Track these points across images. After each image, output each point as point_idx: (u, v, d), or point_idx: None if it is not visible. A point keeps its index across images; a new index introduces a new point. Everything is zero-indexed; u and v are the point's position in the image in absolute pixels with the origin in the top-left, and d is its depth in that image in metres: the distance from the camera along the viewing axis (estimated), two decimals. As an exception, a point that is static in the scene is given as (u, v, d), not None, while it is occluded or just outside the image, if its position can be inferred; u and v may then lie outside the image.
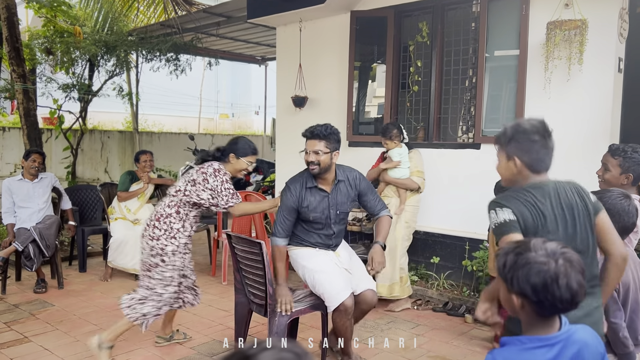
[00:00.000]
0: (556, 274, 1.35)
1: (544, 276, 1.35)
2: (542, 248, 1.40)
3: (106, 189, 6.14)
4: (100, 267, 6.06)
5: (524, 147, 1.92)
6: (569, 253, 1.40)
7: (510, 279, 1.40)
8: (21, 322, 4.35)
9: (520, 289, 1.39)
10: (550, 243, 1.42)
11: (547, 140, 1.93)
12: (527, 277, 1.37)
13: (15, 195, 5.16)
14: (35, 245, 5.00)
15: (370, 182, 3.73)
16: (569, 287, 1.35)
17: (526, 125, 1.94)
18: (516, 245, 1.44)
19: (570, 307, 1.39)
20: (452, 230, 5.24)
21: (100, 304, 4.83)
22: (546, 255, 1.38)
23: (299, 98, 6.34)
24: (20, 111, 6.86)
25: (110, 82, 9.16)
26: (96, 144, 10.39)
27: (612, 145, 2.88)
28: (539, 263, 1.37)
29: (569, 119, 4.60)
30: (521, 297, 1.40)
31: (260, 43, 9.73)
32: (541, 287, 1.36)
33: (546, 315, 1.42)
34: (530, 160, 1.93)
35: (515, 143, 1.94)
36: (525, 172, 1.95)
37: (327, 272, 3.29)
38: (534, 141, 1.91)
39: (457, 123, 5.47)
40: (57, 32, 8.26)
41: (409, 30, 5.75)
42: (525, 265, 1.38)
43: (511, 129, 1.97)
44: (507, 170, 1.99)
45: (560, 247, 1.41)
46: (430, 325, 4.44)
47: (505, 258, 1.43)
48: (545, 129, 1.94)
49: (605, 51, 4.42)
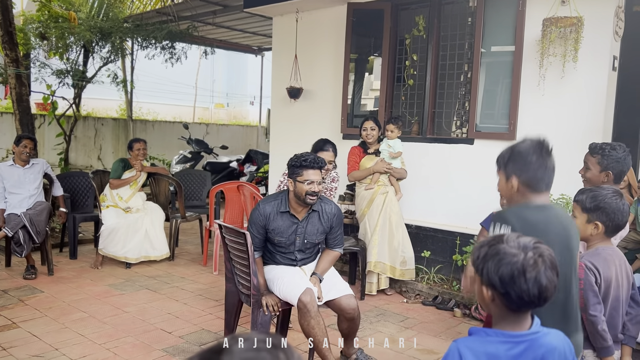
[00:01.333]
0: (524, 266, 1.34)
1: (511, 268, 1.35)
2: (515, 241, 1.40)
3: (98, 176, 6.11)
4: (91, 254, 6.04)
5: (522, 167, 1.91)
6: (542, 248, 1.39)
7: (481, 269, 1.41)
8: (10, 307, 4.34)
9: (489, 280, 1.39)
10: (525, 238, 1.42)
11: (545, 160, 1.91)
12: (496, 268, 1.37)
13: (6, 180, 5.13)
14: (26, 231, 4.98)
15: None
16: (537, 281, 1.34)
17: (523, 146, 1.94)
18: (491, 238, 1.44)
19: (538, 303, 1.38)
20: (443, 225, 5.25)
21: (90, 292, 4.82)
22: (517, 247, 1.38)
23: (294, 89, 6.32)
24: (12, 96, 6.80)
25: (104, 68, 9.11)
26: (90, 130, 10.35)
27: (591, 144, 2.90)
28: (508, 254, 1.37)
29: (563, 116, 4.61)
30: (491, 289, 1.40)
31: (256, 33, 9.69)
32: (508, 279, 1.35)
33: (514, 309, 1.41)
34: (529, 180, 1.91)
35: (512, 163, 1.94)
36: (524, 191, 1.93)
37: (283, 276, 3.30)
38: (531, 161, 1.90)
39: (451, 118, 5.47)
40: (51, 17, 8.18)
41: (405, 24, 5.73)
42: (495, 255, 1.38)
43: (508, 150, 1.97)
44: (507, 190, 1.99)
45: (534, 242, 1.40)
46: (419, 318, 4.46)
47: (479, 250, 1.43)
48: (543, 148, 1.92)
49: (601, 49, 4.42)
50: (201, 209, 6.79)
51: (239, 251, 3.31)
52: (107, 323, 4.08)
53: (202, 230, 6.44)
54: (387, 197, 4.89)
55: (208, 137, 11.81)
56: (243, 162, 10.48)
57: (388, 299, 4.89)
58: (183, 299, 4.71)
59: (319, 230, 3.38)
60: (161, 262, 5.86)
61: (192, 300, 4.67)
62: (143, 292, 4.86)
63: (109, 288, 4.95)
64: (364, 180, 4.96)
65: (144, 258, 5.67)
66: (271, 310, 3.23)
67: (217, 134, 12.45)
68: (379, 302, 4.81)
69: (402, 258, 4.91)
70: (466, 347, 1.43)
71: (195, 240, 7.04)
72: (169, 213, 6.14)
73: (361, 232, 5.03)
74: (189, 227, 7.61)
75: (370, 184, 4.89)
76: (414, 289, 5.07)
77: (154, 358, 3.53)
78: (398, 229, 4.93)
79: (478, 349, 1.41)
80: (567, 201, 4.49)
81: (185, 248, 6.68)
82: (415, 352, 3.77)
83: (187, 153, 9.81)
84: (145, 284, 5.10)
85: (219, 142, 11.11)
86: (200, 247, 6.40)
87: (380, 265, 4.86)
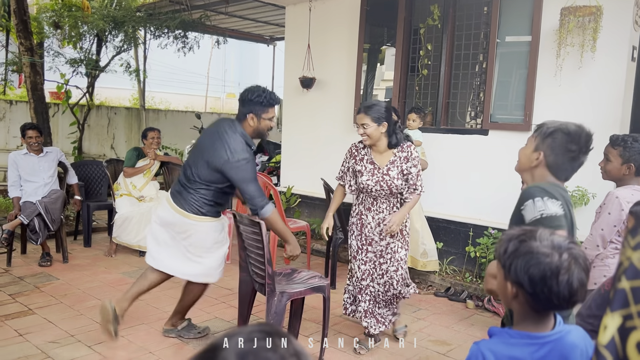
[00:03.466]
0: (557, 268, 1.27)
1: (544, 268, 1.27)
2: (548, 239, 1.32)
3: (112, 165, 6.14)
4: (104, 242, 6.10)
5: (556, 149, 1.85)
6: (576, 249, 1.31)
7: (509, 266, 1.33)
8: (26, 294, 4.39)
9: (517, 278, 1.31)
10: (558, 236, 1.34)
11: (580, 155, 1.86)
12: (527, 267, 1.29)
13: (21, 169, 5.18)
14: (41, 219, 5.03)
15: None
16: (568, 283, 1.27)
17: (572, 129, 1.86)
18: (521, 232, 1.36)
19: (566, 306, 1.31)
20: (456, 216, 5.23)
21: (104, 279, 4.87)
22: (551, 247, 1.30)
23: (307, 79, 6.29)
24: (27, 85, 6.85)
25: (117, 58, 9.14)
26: (103, 119, 10.40)
27: (612, 136, 2.84)
28: (541, 254, 1.29)
29: (580, 107, 4.54)
30: (517, 286, 1.32)
31: (269, 22, 9.64)
32: (539, 280, 1.28)
33: (539, 310, 1.34)
34: (554, 164, 1.86)
35: (550, 139, 1.87)
36: (543, 171, 1.89)
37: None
38: (569, 150, 1.84)
39: (465, 108, 5.42)
40: (65, 5, 8.22)
41: (420, 13, 5.67)
42: (526, 254, 1.30)
43: (555, 125, 1.89)
44: (527, 160, 1.93)
45: (568, 242, 1.32)
46: (432, 309, 4.45)
47: (508, 244, 1.35)
48: (587, 144, 1.87)
49: (619, 39, 4.34)
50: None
51: (253, 240, 3.32)
52: (122, 310, 4.11)
53: (215, 220, 6.45)
54: None
55: (220, 127, 11.81)
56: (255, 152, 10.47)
57: (400, 290, 4.89)
58: (196, 287, 4.74)
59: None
60: (174, 250, 5.88)
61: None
62: (156, 280, 4.89)
63: (123, 276, 4.99)
64: None
65: (157, 246, 5.70)
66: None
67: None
68: (391, 292, 4.80)
69: (422, 249, 4.89)
70: (489, 350, 1.36)
71: (207, 229, 7.06)
72: (181, 202, 6.15)
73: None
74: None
75: None
76: (426, 280, 5.06)
77: (168, 345, 3.57)
78: (418, 219, 4.91)
79: (502, 352, 1.35)
80: (582, 193, 4.45)
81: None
82: (428, 342, 3.77)
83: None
84: (158, 272, 5.13)
85: (231, 132, 11.09)
86: (213, 236, 6.42)
87: None
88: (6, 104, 9.22)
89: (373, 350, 3.60)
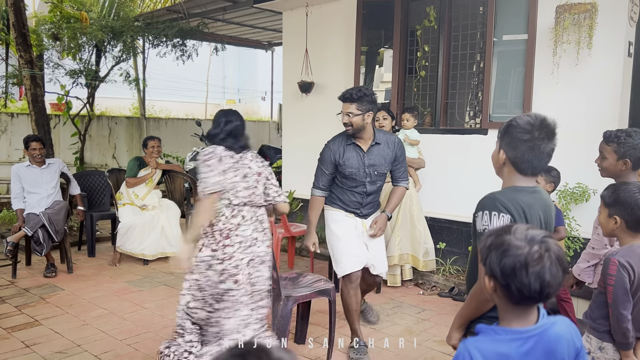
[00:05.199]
0: (527, 259, 1.29)
1: (513, 260, 1.29)
2: (523, 233, 1.34)
3: (114, 174, 6.17)
4: (108, 252, 6.12)
5: (512, 143, 1.84)
6: (550, 242, 1.32)
7: (485, 258, 1.36)
8: (32, 305, 4.41)
9: (491, 271, 1.34)
10: (535, 230, 1.36)
11: (538, 142, 1.80)
12: (499, 259, 1.32)
13: (24, 180, 5.20)
14: (45, 230, 5.06)
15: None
16: (539, 276, 1.28)
17: (520, 121, 1.84)
18: (500, 228, 1.40)
19: (539, 298, 1.32)
20: (458, 216, 5.24)
21: (108, 288, 4.89)
22: (523, 240, 1.32)
23: (306, 83, 6.32)
24: (28, 97, 6.89)
25: (117, 67, 9.16)
26: (104, 129, 10.43)
27: (605, 132, 2.82)
28: (513, 246, 1.31)
29: (578, 104, 4.56)
30: (493, 279, 1.35)
31: (266, 28, 9.68)
32: (509, 271, 1.30)
33: (515, 302, 1.36)
34: (515, 158, 1.84)
35: (507, 136, 1.87)
36: (510, 169, 1.88)
37: (346, 240, 3.53)
38: (523, 140, 1.81)
39: (464, 108, 5.44)
40: (63, 17, 8.25)
41: (416, 15, 5.70)
42: (500, 246, 1.33)
43: (507, 122, 1.89)
44: (495, 161, 1.95)
45: (542, 235, 1.34)
46: (436, 310, 4.46)
47: (487, 239, 1.39)
48: (541, 129, 1.81)
49: (615, 35, 4.36)
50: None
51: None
52: (127, 319, 4.14)
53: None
54: None
55: (220, 134, 11.84)
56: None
57: (404, 291, 4.90)
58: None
59: (385, 159, 3.55)
60: (178, 258, 5.91)
61: (210, 296, 4.71)
62: (161, 288, 4.92)
63: (128, 285, 5.01)
64: None
65: (160, 254, 5.74)
66: (310, 250, 3.58)
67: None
68: (395, 294, 4.81)
69: (424, 249, 4.92)
70: (476, 348, 1.39)
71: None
72: (184, 210, 6.19)
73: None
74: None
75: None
76: (430, 280, 5.07)
77: (174, 353, 3.58)
78: (419, 219, 4.94)
79: (488, 350, 1.38)
80: (583, 190, 4.46)
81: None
82: (433, 343, 3.77)
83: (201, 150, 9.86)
84: (163, 280, 5.16)
85: (232, 138, 11.12)
86: (216, 243, 6.44)
87: (404, 257, 4.88)
88: (7, 116, 9.26)
89: (377, 350, 3.61)
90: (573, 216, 4.45)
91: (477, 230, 1.81)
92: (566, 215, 4.40)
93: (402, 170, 3.69)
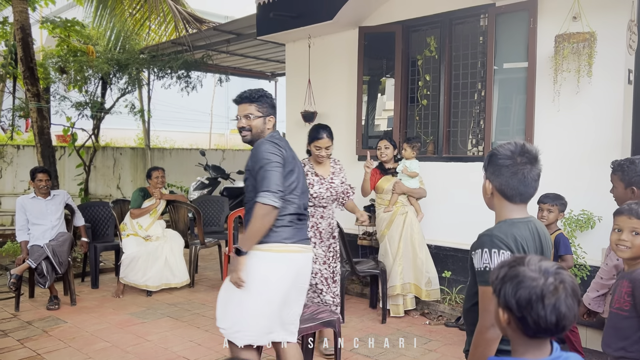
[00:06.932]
0: (543, 291, 1.29)
1: (529, 292, 1.29)
2: (536, 264, 1.34)
3: (118, 205, 6.19)
4: (112, 283, 6.09)
5: (495, 171, 1.86)
6: (564, 274, 1.33)
7: (499, 290, 1.36)
8: (34, 339, 4.37)
9: (506, 303, 1.33)
10: (547, 262, 1.36)
11: (520, 167, 1.81)
12: (514, 291, 1.31)
13: (29, 212, 5.22)
14: (49, 262, 5.04)
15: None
16: (555, 308, 1.28)
17: (501, 149, 1.87)
18: (513, 259, 1.39)
19: (555, 331, 1.31)
20: (462, 244, 5.20)
21: (112, 321, 4.85)
22: (538, 271, 1.32)
23: (309, 113, 6.38)
24: (34, 129, 6.97)
25: (122, 99, 9.29)
26: (108, 160, 10.50)
27: (612, 162, 2.85)
28: (527, 277, 1.31)
29: (580, 131, 4.57)
30: (507, 311, 1.34)
31: (269, 59, 9.83)
32: (525, 303, 1.29)
33: (530, 335, 1.34)
34: (500, 186, 1.85)
35: (490, 166, 1.89)
36: (499, 199, 1.89)
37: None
38: (505, 166, 1.83)
39: (466, 136, 5.47)
40: (70, 51, 8.41)
41: (417, 45, 5.78)
42: (514, 278, 1.33)
43: (489, 152, 1.92)
44: (484, 193, 1.96)
45: (556, 267, 1.34)
46: (443, 340, 4.39)
47: (499, 271, 1.38)
48: (522, 154, 1.82)
49: (615, 63, 4.40)
50: (220, 235, 6.82)
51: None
52: (130, 352, 4.09)
53: (222, 256, 6.45)
54: (406, 217, 4.87)
55: (224, 163, 11.92)
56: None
57: (410, 321, 4.83)
58: (204, 325, 4.71)
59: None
60: (181, 289, 5.88)
61: (214, 327, 4.65)
62: (164, 320, 4.87)
63: (131, 317, 4.97)
64: (382, 203, 4.95)
65: (164, 285, 5.71)
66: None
67: (233, 159, 12.56)
68: (401, 324, 4.75)
69: (426, 278, 4.87)
70: None
71: (214, 266, 7.05)
72: (188, 240, 6.18)
73: (381, 253, 5.00)
74: (208, 253, 7.64)
75: (389, 206, 4.88)
76: (436, 310, 5.01)
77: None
78: (421, 248, 4.91)
79: None
80: (588, 217, 4.44)
81: (205, 274, 6.70)
82: (440, 375, 3.71)
83: (205, 179, 9.90)
84: (166, 312, 5.12)
85: (236, 167, 11.20)
86: (220, 273, 6.41)
87: (406, 287, 4.83)
88: (14, 149, 9.35)
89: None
90: (579, 243, 4.41)
91: (476, 269, 1.81)
92: (572, 243, 4.37)
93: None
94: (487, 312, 1.73)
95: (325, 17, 5.90)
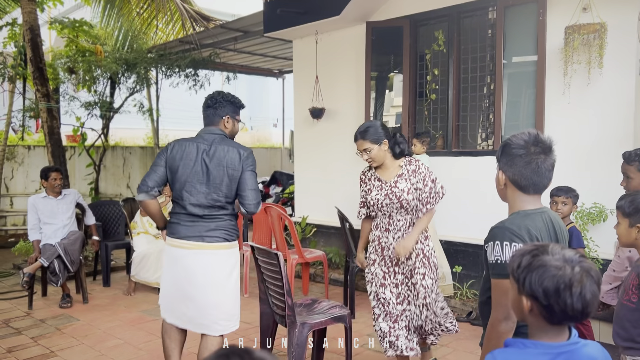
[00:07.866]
0: (570, 280, 1.31)
1: (557, 281, 1.31)
2: (560, 253, 1.35)
3: (128, 204, 6.22)
4: (123, 281, 6.13)
5: (509, 161, 1.84)
6: (587, 262, 1.35)
7: (523, 280, 1.36)
8: (47, 337, 4.41)
9: (531, 292, 1.34)
10: (569, 250, 1.37)
11: (534, 157, 1.79)
12: (541, 280, 1.33)
13: (40, 212, 5.26)
14: (60, 261, 5.09)
15: None
16: (582, 296, 1.30)
17: (514, 139, 1.84)
18: (533, 247, 1.40)
19: (580, 317, 1.33)
20: (473, 239, 5.18)
21: (124, 318, 4.88)
22: (563, 260, 1.34)
23: (317, 109, 6.37)
24: (44, 130, 7.01)
25: (131, 98, 9.33)
26: (118, 159, 10.56)
27: (624, 153, 2.81)
28: (554, 267, 1.33)
29: (591, 123, 4.53)
30: (531, 300, 1.35)
31: (277, 56, 9.83)
32: (553, 292, 1.31)
33: (554, 322, 1.36)
34: (514, 176, 1.83)
35: (503, 156, 1.86)
36: (512, 190, 1.86)
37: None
38: (518, 155, 1.80)
39: (476, 130, 5.44)
40: (79, 51, 8.46)
41: (425, 39, 5.75)
42: (539, 267, 1.34)
43: (503, 142, 1.90)
44: (497, 184, 1.93)
45: (578, 256, 1.36)
46: (454, 335, 4.36)
47: (521, 259, 1.39)
48: (536, 144, 1.80)
49: (626, 54, 4.36)
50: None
51: (271, 272, 3.32)
52: (142, 349, 4.11)
53: (232, 253, 6.46)
54: None
55: (233, 161, 11.92)
56: (268, 183, 10.54)
57: (421, 316, 4.82)
58: (215, 322, 4.72)
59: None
60: (192, 286, 5.89)
61: (225, 324, 4.67)
62: (176, 317, 4.89)
63: (143, 314, 5.00)
64: None
65: (175, 283, 5.72)
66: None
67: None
68: (412, 319, 4.74)
69: (440, 273, 4.85)
70: (504, 358, 1.39)
71: (224, 263, 7.06)
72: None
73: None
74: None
75: None
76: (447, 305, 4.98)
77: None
78: (435, 244, 4.87)
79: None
80: (600, 210, 4.40)
81: (215, 272, 6.70)
82: (452, 369, 3.70)
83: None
84: (177, 309, 5.13)
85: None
86: (230, 270, 6.43)
87: None
88: (24, 149, 9.43)
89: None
90: (591, 237, 4.38)
91: (490, 261, 1.79)
92: (584, 236, 4.34)
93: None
94: (499, 305, 1.72)
95: (332, 13, 5.89)
